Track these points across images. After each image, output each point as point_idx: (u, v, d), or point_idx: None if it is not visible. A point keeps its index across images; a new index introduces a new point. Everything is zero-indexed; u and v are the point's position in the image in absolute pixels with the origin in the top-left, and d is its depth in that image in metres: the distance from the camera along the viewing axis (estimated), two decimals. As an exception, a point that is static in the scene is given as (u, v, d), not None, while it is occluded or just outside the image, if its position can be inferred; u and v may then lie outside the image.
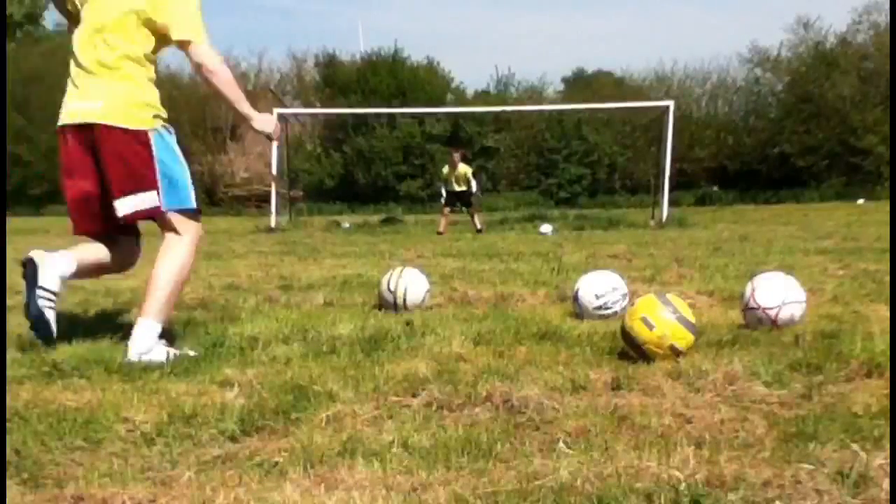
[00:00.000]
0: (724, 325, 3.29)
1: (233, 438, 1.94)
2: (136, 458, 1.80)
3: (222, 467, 1.73)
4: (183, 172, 2.95)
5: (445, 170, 15.08)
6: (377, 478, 1.64)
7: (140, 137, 2.84)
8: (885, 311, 3.55)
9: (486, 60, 71.70)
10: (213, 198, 31.39)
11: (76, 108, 2.89)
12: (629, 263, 6.50)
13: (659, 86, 32.95)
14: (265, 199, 21.07)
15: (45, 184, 31.87)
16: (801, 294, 3.24)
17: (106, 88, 2.85)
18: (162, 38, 2.91)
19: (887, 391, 2.19)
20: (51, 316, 2.90)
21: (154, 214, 2.90)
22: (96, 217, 2.98)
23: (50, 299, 2.90)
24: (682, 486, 1.52)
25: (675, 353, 2.63)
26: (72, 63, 2.96)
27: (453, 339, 3.02)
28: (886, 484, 1.52)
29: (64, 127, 2.92)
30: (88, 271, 3.12)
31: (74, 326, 3.51)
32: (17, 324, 3.55)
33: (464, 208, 14.96)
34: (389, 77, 32.71)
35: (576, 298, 3.68)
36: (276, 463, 1.73)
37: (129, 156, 2.83)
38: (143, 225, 3.08)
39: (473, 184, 14.94)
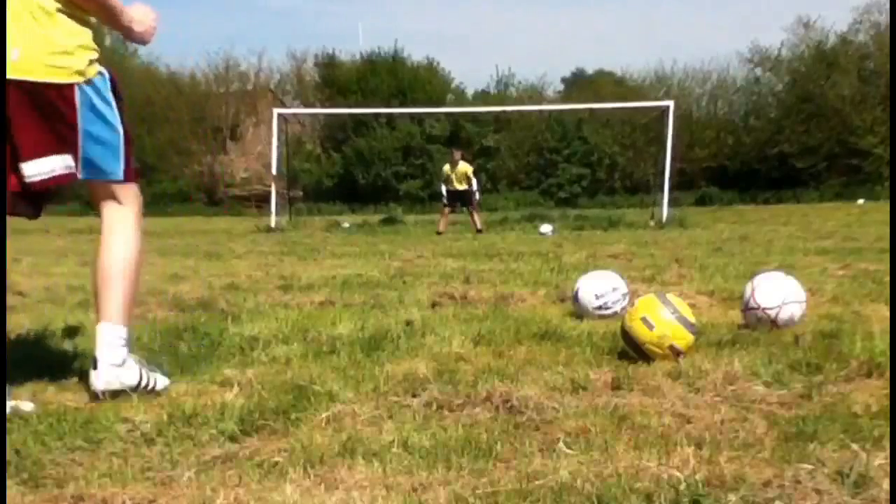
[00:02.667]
0: (724, 325, 3.29)
1: (233, 438, 1.93)
2: (136, 458, 1.80)
3: (222, 467, 1.73)
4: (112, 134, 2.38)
5: (446, 168, 15.08)
6: (377, 478, 1.64)
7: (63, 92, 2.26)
8: (885, 311, 3.55)
9: (486, 60, 71.80)
10: (213, 198, 31.41)
11: None
12: (629, 263, 6.50)
13: (659, 86, 32.96)
14: (265, 199, 21.08)
15: (44, 184, 31.91)
16: (801, 294, 3.24)
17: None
18: None
19: (887, 391, 2.19)
20: None
21: (69, 181, 2.33)
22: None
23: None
24: (682, 486, 1.52)
25: (675, 353, 2.63)
26: None
27: (453, 339, 3.02)
28: (886, 484, 1.52)
29: None
30: None
31: (74, 326, 3.52)
32: (17, 324, 3.56)
33: (464, 208, 14.97)
34: (389, 77, 32.73)
35: (576, 298, 3.67)
36: (276, 463, 1.73)
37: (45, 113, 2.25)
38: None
39: (474, 182, 14.95)
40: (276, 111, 18.83)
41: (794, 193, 28.24)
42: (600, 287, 3.62)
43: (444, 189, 14.94)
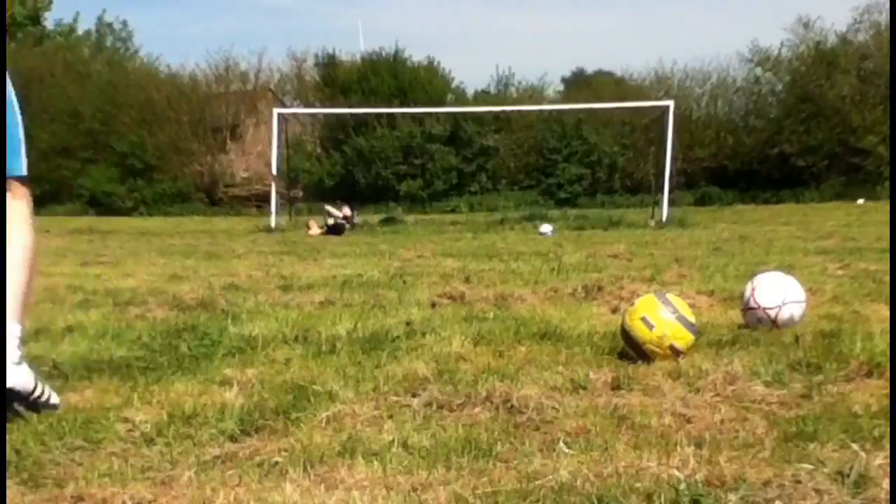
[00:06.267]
0: (724, 325, 3.29)
1: (233, 438, 1.93)
2: (136, 458, 1.80)
3: (222, 467, 1.73)
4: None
5: (332, 210, 15.07)
6: (377, 478, 1.64)
7: None
8: (885, 311, 3.54)
9: (486, 60, 71.71)
10: (213, 198, 31.39)
11: None
12: (629, 263, 6.50)
13: (659, 86, 32.91)
14: (265, 199, 21.08)
15: (45, 183, 31.91)
16: (801, 294, 3.24)
17: None
18: None
19: (887, 391, 2.19)
20: None
21: None
22: None
23: None
24: (682, 486, 1.52)
25: (675, 353, 2.62)
26: None
27: (453, 339, 3.02)
28: (886, 484, 1.52)
29: None
30: None
31: (75, 326, 3.52)
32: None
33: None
34: (390, 77, 32.72)
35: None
36: (276, 463, 1.73)
37: None
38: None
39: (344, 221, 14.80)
40: (276, 111, 18.82)
41: (794, 193, 28.20)
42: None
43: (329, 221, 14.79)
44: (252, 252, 9.13)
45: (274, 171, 18.34)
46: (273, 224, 16.12)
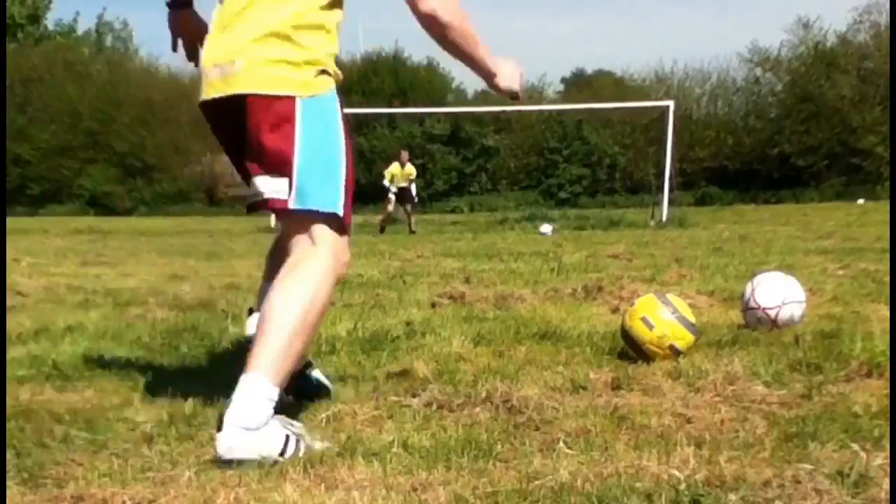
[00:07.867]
0: (724, 325, 3.29)
1: (233, 438, 1.93)
2: (136, 458, 1.80)
3: (222, 467, 1.73)
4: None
5: (394, 167, 15.73)
6: (377, 478, 1.64)
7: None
8: (885, 311, 3.54)
9: (486, 60, 71.68)
10: (213, 198, 31.43)
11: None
12: (629, 263, 6.50)
13: (659, 86, 32.96)
14: (265, 199, 21.06)
15: (44, 183, 31.91)
16: (801, 294, 3.23)
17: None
18: None
19: (887, 391, 2.19)
20: None
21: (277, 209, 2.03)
22: None
23: None
24: (682, 486, 1.52)
25: (675, 353, 2.62)
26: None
27: (453, 339, 3.02)
28: (886, 484, 1.52)
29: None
30: None
31: (75, 326, 3.52)
32: (17, 323, 3.56)
33: (407, 206, 15.54)
34: (390, 77, 32.77)
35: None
36: (276, 463, 1.73)
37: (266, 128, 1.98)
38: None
39: (413, 186, 15.46)
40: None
41: (794, 193, 28.24)
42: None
43: (392, 187, 15.52)
44: (252, 252, 9.13)
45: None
46: (273, 224, 16.11)
